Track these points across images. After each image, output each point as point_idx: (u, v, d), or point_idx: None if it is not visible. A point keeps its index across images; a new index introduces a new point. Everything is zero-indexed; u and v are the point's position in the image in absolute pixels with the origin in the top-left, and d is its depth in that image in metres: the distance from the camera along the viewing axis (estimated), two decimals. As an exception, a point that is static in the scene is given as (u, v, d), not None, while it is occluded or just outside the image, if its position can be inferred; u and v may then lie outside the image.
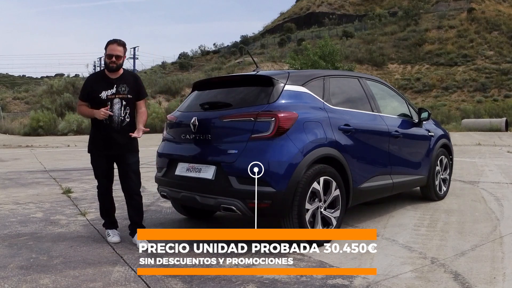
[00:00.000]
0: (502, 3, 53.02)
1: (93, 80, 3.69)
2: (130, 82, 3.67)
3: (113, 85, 3.60)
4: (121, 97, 3.60)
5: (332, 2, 68.41)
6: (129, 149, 3.67)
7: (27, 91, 48.65)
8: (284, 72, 3.87)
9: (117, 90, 3.60)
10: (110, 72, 3.62)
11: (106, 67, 3.63)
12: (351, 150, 3.83)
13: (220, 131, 3.59)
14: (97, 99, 3.57)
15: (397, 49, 47.58)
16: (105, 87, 3.59)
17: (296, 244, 3.47)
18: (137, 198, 3.75)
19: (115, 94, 3.59)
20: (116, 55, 3.56)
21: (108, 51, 3.57)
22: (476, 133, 19.60)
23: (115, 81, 3.61)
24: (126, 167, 3.68)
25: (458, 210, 4.76)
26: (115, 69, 3.61)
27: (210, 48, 74.64)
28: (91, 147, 3.73)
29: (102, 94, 3.57)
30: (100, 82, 3.62)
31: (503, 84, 36.75)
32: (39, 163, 10.30)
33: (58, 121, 28.23)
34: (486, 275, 2.85)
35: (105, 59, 3.60)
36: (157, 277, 2.88)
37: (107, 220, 3.84)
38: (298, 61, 27.04)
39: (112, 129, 3.59)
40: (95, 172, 3.76)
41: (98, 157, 3.69)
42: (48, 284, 2.78)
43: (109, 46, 3.59)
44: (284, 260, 3.20)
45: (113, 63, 3.57)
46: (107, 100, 3.57)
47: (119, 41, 3.62)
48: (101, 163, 3.69)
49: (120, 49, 3.59)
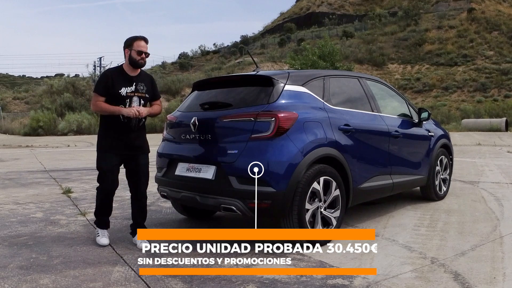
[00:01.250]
0: (502, 3, 53.03)
1: (113, 74, 3.51)
2: (147, 82, 3.62)
3: (132, 83, 3.51)
4: (139, 96, 3.53)
5: (332, 2, 68.41)
6: (143, 150, 3.63)
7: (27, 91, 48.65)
8: (284, 72, 3.87)
9: (136, 88, 3.52)
10: (131, 69, 3.53)
11: (133, 63, 3.49)
12: (351, 150, 3.83)
13: (220, 131, 3.59)
14: (117, 95, 3.45)
15: (397, 49, 47.60)
16: (125, 83, 3.49)
17: (298, 244, 3.47)
18: (144, 200, 3.71)
19: (134, 92, 3.51)
20: (146, 52, 3.49)
21: (137, 47, 3.46)
22: (476, 133, 19.60)
23: (134, 78, 3.53)
24: (137, 168, 3.61)
25: (458, 210, 4.76)
26: (142, 66, 3.53)
27: (210, 48, 74.65)
28: (104, 146, 3.54)
29: (122, 91, 3.46)
30: (119, 78, 3.49)
31: (503, 84, 36.75)
32: (39, 163, 10.30)
33: (58, 121, 28.27)
34: (486, 275, 2.85)
35: (134, 55, 3.47)
36: (157, 277, 2.88)
37: (102, 220, 3.68)
38: (298, 61, 27.06)
39: (130, 129, 3.51)
40: (102, 173, 3.55)
41: (110, 156, 3.51)
42: (48, 284, 2.78)
43: (136, 42, 3.48)
44: (284, 260, 3.20)
45: (142, 60, 3.48)
46: (127, 97, 3.48)
47: (146, 38, 3.54)
48: (112, 163, 3.52)
49: (147, 46, 3.52)
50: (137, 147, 3.58)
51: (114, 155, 3.52)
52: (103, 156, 3.54)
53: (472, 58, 42.42)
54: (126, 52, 3.51)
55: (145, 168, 3.64)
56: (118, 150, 3.52)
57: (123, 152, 3.54)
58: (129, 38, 3.53)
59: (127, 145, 3.53)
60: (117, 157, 3.53)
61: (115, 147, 3.51)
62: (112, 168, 3.53)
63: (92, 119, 28.42)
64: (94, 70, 42.45)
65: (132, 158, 3.59)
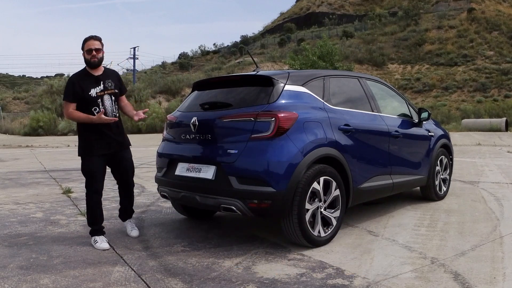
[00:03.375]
0: (502, 3, 53.04)
1: (79, 79, 3.55)
2: (113, 77, 3.70)
3: (100, 82, 3.57)
4: (110, 93, 3.60)
5: (332, 2, 68.43)
6: (126, 145, 3.77)
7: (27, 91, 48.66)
8: (284, 72, 3.87)
9: (104, 86, 3.58)
10: (92, 69, 3.58)
11: (88, 63, 3.56)
12: (351, 150, 3.83)
13: (220, 131, 3.59)
14: (87, 97, 3.49)
15: (397, 49, 47.62)
16: (93, 84, 3.53)
17: (296, 244, 3.48)
18: (132, 188, 3.91)
19: (104, 91, 3.57)
20: (96, 48, 3.51)
21: (86, 47, 3.52)
22: (476, 133, 19.60)
23: (100, 77, 3.59)
24: (125, 163, 3.75)
25: (458, 210, 4.76)
26: (97, 64, 3.56)
27: (210, 48, 74.71)
28: (87, 150, 3.57)
29: (91, 92, 3.51)
30: (86, 80, 3.54)
31: (503, 84, 36.77)
32: (39, 163, 10.30)
33: (58, 121, 28.27)
34: (486, 275, 2.85)
35: (85, 56, 3.54)
36: (157, 277, 2.88)
37: (97, 228, 3.67)
38: (297, 61, 27.07)
39: (109, 127, 3.58)
40: (91, 176, 3.58)
41: (96, 159, 3.56)
42: (48, 284, 2.78)
43: (86, 43, 3.54)
44: (284, 260, 3.20)
45: (94, 58, 3.51)
46: (97, 98, 3.53)
47: (95, 36, 3.58)
48: (99, 165, 3.58)
49: (97, 43, 3.55)
50: (118, 143, 3.68)
51: (98, 156, 3.59)
52: (89, 160, 3.59)
53: (472, 58, 42.44)
54: (83, 55, 3.58)
55: (131, 162, 3.82)
56: (102, 151, 3.58)
57: (109, 151, 3.63)
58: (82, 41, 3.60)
59: (109, 143, 3.61)
60: (102, 158, 3.61)
61: (99, 148, 3.58)
62: (98, 169, 3.61)
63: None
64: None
65: (117, 155, 3.69)
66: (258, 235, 3.89)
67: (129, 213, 4.01)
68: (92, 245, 3.61)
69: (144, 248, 3.54)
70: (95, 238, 3.63)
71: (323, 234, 3.53)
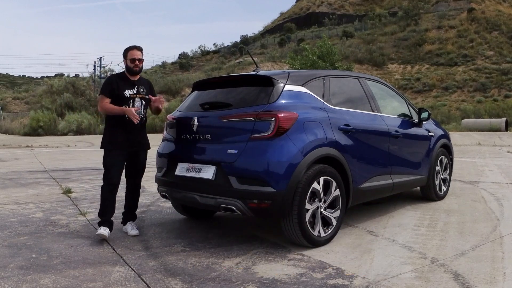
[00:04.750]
0: (502, 3, 53.05)
1: (117, 79, 3.90)
2: (146, 85, 4.02)
3: (134, 86, 3.90)
4: (141, 97, 3.92)
5: (332, 2, 68.44)
6: (145, 146, 3.98)
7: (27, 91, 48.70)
8: (284, 72, 3.87)
9: (137, 90, 3.90)
10: (131, 75, 3.91)
11: (129, 71, 3.89)
12: (351, 150, 3.83)
13: (220, 131, 3.59)
14: (121, 96, 3.81)
15: (397, 49, 47.61)
16: (128, 86, 3.87)
17: (296, 244, 3.48)
18: (139, 189, 4.08)
19: (136, 94, 3.89)
20: (139, 59, 3.88)
21: (130, 56, 3.86)
22: (476, 133, 19.60)
23: (135, 82, 3.92)
24: (139, 164, 3.97)
25: (458, 210, 4.76)
26: (138, 72, 3.91)
27: (210, 48, 74.72)
28: (110, 145, 3.83)
29: (126, 92, 3.83)
30: (123, 81, 3.88)
31: (503, 84, 36.76)
32: (39, 163, 10.30)
33: (58, 121, 28.28)
34: (486, 275, 2.85)
35: (128, 64, 3.87)
36: (157, 277, 2.88)
37: (106, 220, 3.81)
38: (297, 61, 27.07)
39: (135, 127, 3.82)
40: (109, 169, 3.80)
41: (117, 154, 3.81)
42: (48, 284, 2.78)
43: (129, 52, 3.88)
44: (284, 260, 3.20)
45: (136, 67, 3.87)
46: (130, 99, 3.85)
47: (138, 47, 3.93)
48: (119, 160, 3.83)
49: (140, 53, 3.91)
50: (140, 143, 3.92)
51: (120, 151, 3.82)
52: (110, 153, 3.84)
53: (472, 58, 42.43)
54: (124, 61, 3.92)
55: (144, 164, 4.02)
56: (123, 147, 3.82)
57: (131, 149, 3.86)
58: (125, 49, 3.94)
59: (131, 142, 3.85)
60: (122, 153, 3.84)
61: (121, 144, 3.82)
62: (118, 163, 3.83)
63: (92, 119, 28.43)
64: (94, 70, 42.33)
65: (135, 155, 3.91)
66: (258, 235, 3.89)
67: (133, 215, 4.08)
68: (91, 243, 3.62)
69: (144, 248, 3.54)
70: (100, 227, 3.79)
71: (323, 234, 3.53)
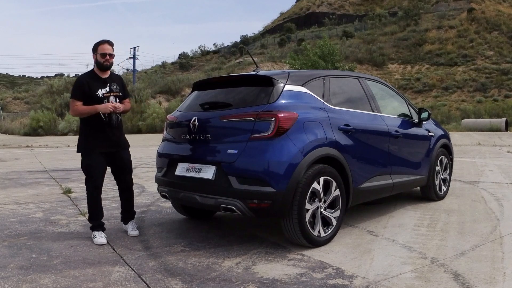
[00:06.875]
0: (502, 3, 53.01)
1: (88, 79, 3.73)
2: (118, 82, 3.89)
3: (106, 84, 3.76)
4: (115, 95, 3.79)
5: (332, 2, 68.42)
6: (125, 145, 3.90)
7: (27, 91, 48.70)
8: (284, 72, 3.87)
9: (110, 88, 3.77)
10: (101, 72, 3.76)
11: (99, 66, 3.74)
12: (351, 150, 3.83)
13: (220, 131, 3.59)
14: (94, 97, 3.68)
15: (397, 49, 47.59)
16: (100, 85, 3.72)
17: (296, 244, 3.48)
18: (131, 187, 4.01)
19: (110, 92, 3.76)
20: (110, 54, 3.73)
21: (100, 51, 3.71)
22: (476, 133, 19.59)
23: (107, 80, 3.78)
24: (124, 163, 3.88)
25: (458, 210, 4.76)
26: (108, 68, 3.77)
27: (210, 48, 74.72)
28: (88, 146, 3.71)
29: (98, 92, 3.70)
30: (94, 81, 3.72)
31: (503, 84, 36.75)
32: (39, 163, 10.30)
33: (58, 121, 28.26)
34: (486, 275, 2.85)
35: (98, 58, 3.71)
36: (157, 277, 2.88)
37: (97, 224, 3.79)
38: (298, 61, 27.05)
39: (112, 126, 3.74)
40: (91, 172, 3.71)
41: (96, 156, 3.71)
42: (48, 284, 2.78)
43: (100, 46, 3.72)
44: (284, 260, 3.20)
45: (107, 61, 3.72)
46: (104, 98, 3.71)
47: (109, 41, 3.78)
48: (99, 161, 3.72)
49: (111, 48, 3.75)
50: (117, 144, 3.82)
51: (98, 153, 3.72)
52: (88, 156, 3.73)
53: (472, 58, 42.41)
54: (94, 57, 3.76)
55: (129, 162, 3.94)
56: (102, 149, 3.73)
57: (110, 149, 3.77)
58: (95, 43, 3.77)
59: (110, 142, 3.76)
60: (101, 155, 3.74)
61: (101, 145, 3.72)
62: (99, 165, 3.73)
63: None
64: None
65: (116, 155, 3.83)
66: (258, 235, 3.89)
67: (131, 214, 4.06)
68: (91, 243, 3.62)
69: (144, 248, 3.54)
70: (94, 233, 3.75)
71: (323, 234, 3.53)
